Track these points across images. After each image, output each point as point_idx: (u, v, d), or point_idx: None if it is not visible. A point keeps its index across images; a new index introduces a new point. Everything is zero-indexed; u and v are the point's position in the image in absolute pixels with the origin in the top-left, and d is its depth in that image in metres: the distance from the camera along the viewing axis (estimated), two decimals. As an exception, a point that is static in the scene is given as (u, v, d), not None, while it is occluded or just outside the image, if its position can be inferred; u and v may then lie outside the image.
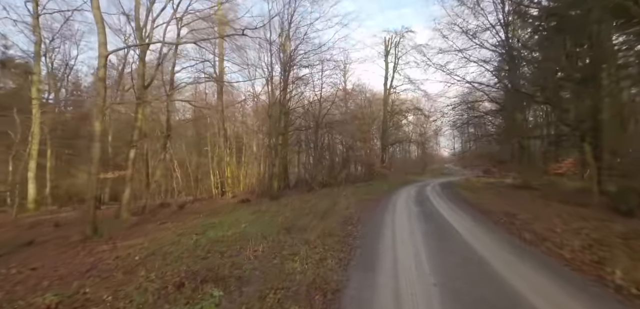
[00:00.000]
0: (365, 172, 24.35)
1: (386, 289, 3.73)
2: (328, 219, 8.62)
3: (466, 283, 3.77)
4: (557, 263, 4.49)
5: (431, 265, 4.47)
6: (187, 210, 13.08)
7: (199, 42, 14.36)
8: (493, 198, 12.24)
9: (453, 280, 3.89)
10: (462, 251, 5.10)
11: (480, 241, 5.72)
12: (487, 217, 8.23)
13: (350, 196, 14.84)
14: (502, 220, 7.65)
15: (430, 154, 51.20)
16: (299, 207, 11.25)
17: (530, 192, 15.14)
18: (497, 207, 9.73)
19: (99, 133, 7.42)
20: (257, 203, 13.97)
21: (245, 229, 7.36)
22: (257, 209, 11.08)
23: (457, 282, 3.82)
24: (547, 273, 4.07)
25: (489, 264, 4.46)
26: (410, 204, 10.80)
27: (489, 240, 5.78)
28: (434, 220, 7.52)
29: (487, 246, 5.36)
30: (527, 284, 3.68)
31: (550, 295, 3.43)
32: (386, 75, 33.31)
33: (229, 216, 9.82)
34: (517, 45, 16.33)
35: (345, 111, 24.43)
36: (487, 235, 6.20)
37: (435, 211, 8.82)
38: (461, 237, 6.00)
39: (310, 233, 6.81)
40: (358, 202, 12.18)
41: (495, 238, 5.94)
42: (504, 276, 3.99)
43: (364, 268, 4.56)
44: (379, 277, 4.14)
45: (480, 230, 6.60)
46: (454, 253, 5.02)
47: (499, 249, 5.20)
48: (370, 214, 9.28)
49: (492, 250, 5.12)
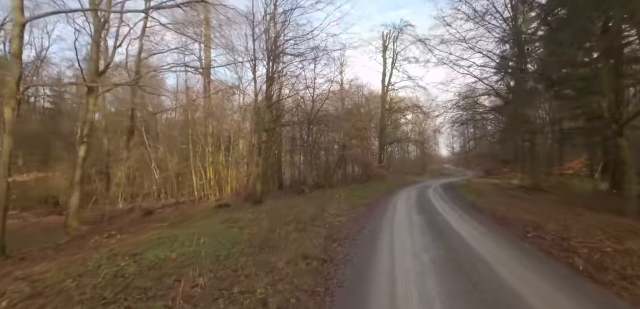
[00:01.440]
0: (361, 172, 22.67)
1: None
2: (310, 232, 6.95)
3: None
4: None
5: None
6: (154, 217, 11.37)
7: (176, 27, 12.65)
8: (505, 203, 10.63)
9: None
10: (494, 295, 3.41)
11: (514, 272, 4.06)
12: (508, 229, 6.58)
13: (343, 199, 13.18)
14: (528, 234, 6.01)
15: (429, 154, 49.69)
16: (281, 215, 9.56)
17: (543, 195, 13.58)
18: (514, 215, 8.13)
19: (11, 122, 5.71)
20: (237, 208, 12.28)
21: (199, 247, 5.66)
22: (230, 216, 9.37)
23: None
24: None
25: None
26: (411, 210, 9.14)
27: (527, 271, 4.10)
28: (444, 236, 5.85)
29: (530, 284, 3.67)
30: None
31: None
32: (384, 72, 31.69)
33: (193, 226, 8.12)
34: (527, 31, 14.76)
35: (341, 107, 22.75)
36: (520, 261, 4.53)
37: (443, 222, 7.17)
38: (486, 265, 4.32)
39: (281, 254, 5.14)
40: (351, 209, 10.52)
41: (533, 267, 4.27)
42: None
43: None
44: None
45: (508, 253, 4.94)
46: (485, 301, 3.29)
47: (550, 290, 3.49)
48: (363, 224, 7.61)
49: (544, 295, 3.39)
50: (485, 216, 8.14)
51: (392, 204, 10.97)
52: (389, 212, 9.20)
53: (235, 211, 11.43)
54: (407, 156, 46.57)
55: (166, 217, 11.15)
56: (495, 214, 8.52)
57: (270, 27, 13.05)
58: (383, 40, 32.38)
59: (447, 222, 7.01)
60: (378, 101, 32.81)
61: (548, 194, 13.78)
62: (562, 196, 12.94)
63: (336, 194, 15.17)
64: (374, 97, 34.56)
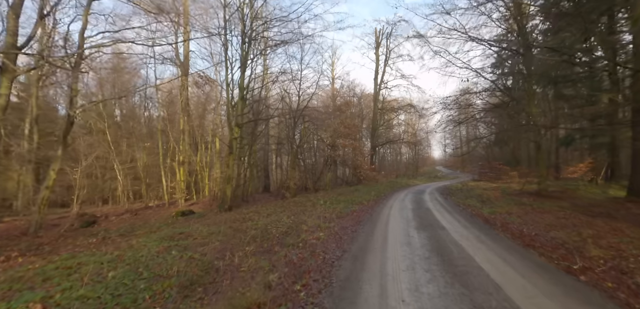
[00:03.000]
0: (351, 175, 20.91)
1: None
2: (274, 257, 5.13)
3: None
4: None
5: None
6: (94, 229, 9.29)
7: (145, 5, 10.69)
8: (517, 213, 9.00)
9: None
10: None
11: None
12: (542, 257, 4.85)
13: (328, 206, 11.39)
14: (574, 267, 4.31)
15: (421, 156, 48.44)
16: (247, 228, 7.70)
17: (553, 202, 12.04)
18: (536, 231, 6.52)
19: None
20: (202, 216, 10.34)
21: (97, 288, 3.76)
22: (181, 230, 7.44)
23: None
24: None
25: None
26: (408, 224, 7.38)
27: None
28: (460, 271, 4.04)
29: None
30: None
31: None
32: (376, 70, 30.17)
33: (127, 245, 6.18)
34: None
35: (332, 106, 20.97)
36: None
37: (452, 243, 5.40)
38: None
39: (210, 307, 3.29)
40: (335, 218, 8.73)
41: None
42: None
43: None
44: None
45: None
46: None
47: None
48: (347, 244, 5.80)
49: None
50: (501, 231, 6.44)
51: (384, 214, 9.20)
52: (380, 225, 7.42)
53: (196, 221, 9.48)
54: (400, 158, 45.18)
55: (110, 228, 9.15)
56: (510, 227, 6.86)
57: (244, 3, 11.13)
58: (376, 36, 30.91)
59: (457, 245, 5.26)
60: (370, 101, 31.26)
61: (558, 200, 12.27)
62: (575, 203, 11.45)
63: (321, 199, 13.37)
64: (365, 97, 33.03)
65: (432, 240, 5.55)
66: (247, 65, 11.52)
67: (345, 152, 20.62)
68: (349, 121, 18.02)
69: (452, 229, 6.43)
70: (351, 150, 19.92)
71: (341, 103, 19.96)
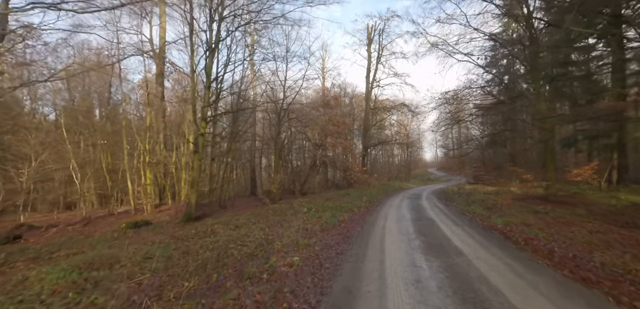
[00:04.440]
0: (341, 178, 19.24)
1: None
2: (219, 303, 3.41)
3: None
4: None
5: None
6: (8, 247, 7.32)
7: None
8: (537, 224, 7.51)
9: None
10: None
11: None
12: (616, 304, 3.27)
13: (312, 215, 9.70)
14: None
15: (413, 159, 47.27)
16: (201, 248, 5.94)
17: (568, 209, 10.64)
18: (572, 250, 5.04)
19: None
20: (155, 229, 8.48)
21: None
22: (109, 255, 5.61)
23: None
24: None
25: None
26: (410, 244, 5.74)
27: None
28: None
29: None
30: None
31: None
32: (368, 67, 28.75)
33: (13, 283, 4.34)
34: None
35: (320, 102, 19.28)
36: None
37: (482, 280, 3.75)
38: None
39: None
40: (319, 231, 7.05)
41: None
42: None
43: None
44: None
45: None
46: None
47: None
48: (324, 289, 4.09)
49: None
50: (534, 255, 4.87)
51: (378, 226, 7.56)
52: (374, 244, 5.76)
53: (144, 236, 7.63)
54: (392, 160, 43.90)
55: (34, 244, 7.22)
56: (538, 246, 5.33)
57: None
58: (368, 32, 29.53)
59: (490, 285, 3.57)
60: (362, 100, 29.80)
61: (570, 207, 10.90)
62: (591, 210, 10.09)
63: (306, 205, 11.67)
64: (357, 96, 31.61)
65: (450, 275, 3.89)
66: (216, 49, 9.71)
67: (335, 153, 18.99)
68: (338, 118, 16.36)
69: (472, 253, 4.81)
70: (341, 150, 18.30)
71: (330, 98, 18.28)
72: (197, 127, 9.27)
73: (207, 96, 9.53)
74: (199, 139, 9.26)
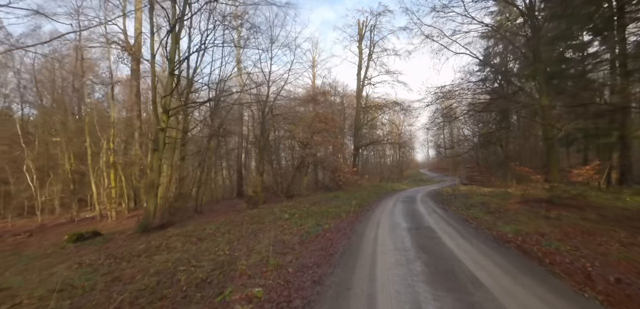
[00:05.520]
0: (330, 179, 17.98)
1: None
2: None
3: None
4: None
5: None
6: None
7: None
8: (553, 234, 6.45)
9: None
10: None
11: None
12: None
13: (293, 222, 8.43)
14: None
15: (405, 159, 46.39)
16: (140, 271, 4.60)
17: (578, 214, 9.65)
18: (615, 272, 3.93)
19: None
20: (103, 243, 7.06)
21: None
22: (6, 285, 4.22)
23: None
24: None
25: None
26: (410, 268, 4.47)
27: None
28: None
29: None
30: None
31: None
32: (360, 64, 27.68)
33: None
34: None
35: (307, 96, 18.00)
36: None
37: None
38: None
39: None
40: (295, 247, 5.78)
41: None
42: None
43: None
44: None
45: None
46: None
47: None
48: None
49: None
50: (569, 282, 3.72)
51: (369, 238, 6.34)
52: (363, 266, 4.53)
53: (86, 250, 6.21)
54: (384, 160, 42.94)
55: None
56: (567, 266, 4.21)
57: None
58: (359, 28, 28.46)
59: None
60: (353, 100, 28.69)
61: (579, 211, 9.91)
62: (602, 214, 9.12)
63: (288, 211, 10.38)
64: (348, 96, 30.51)
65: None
66: (181, 29, 8.31)
67: (326, 153, 17.67)
68: (326, 115, 15.10)
69: (492, 283, 3.60)
70: (330, 149, 17.04)
71: (317, 93, 16.99)
72: (158, 121, 7.84)
73: (170, 84, 8.12)
74: (158, 134, 7.82)
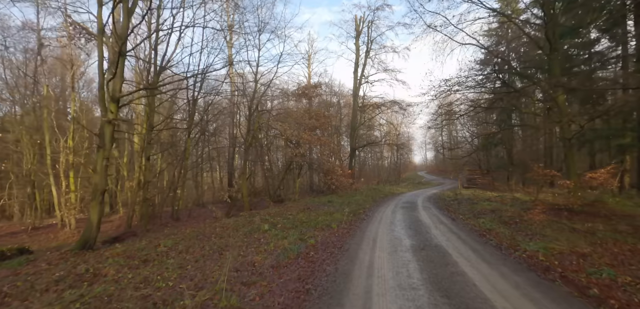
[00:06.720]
0: (323, 182, 16.50)
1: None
2: None
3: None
4: None
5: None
6: None
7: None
8: (595, 253, 5.10)
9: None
10: None
11: None
12: None
13: (273, 235, 6.97)
14: None
15: (403, 161, 45.08)
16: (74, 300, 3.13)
17: (608, 224, 8.30)
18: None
19: None
20: (21, 264, 5.56)
21: None
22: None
23: None
24: None
25: None
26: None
27: None
28: None
29: None
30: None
31: None
32: (356, 62, 26.36)
33: None
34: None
35: (297, 91, 16.57)
36: None
37: None
38: None
39: None
40: (264, 274, 4.33)
41: None
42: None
43: None
44: None
45: None
46: None
47: None
48: None
49: None
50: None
51: (363, 264, 4.90)
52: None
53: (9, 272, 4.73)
54: (381, 162, 41.59)
55: None
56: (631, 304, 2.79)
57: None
58: (356, 24, 27.13)
59: None
60: (350, 99, 27.33)
61: (606, 220, 8.56)
62: (636, 225, 7.78)
63: (270, 220, 8.90)
64: (344, 95, 29.17)
65: None
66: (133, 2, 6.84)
67: (321, 154, 16.17)
68: (317, 111, 13.65)
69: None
70: (324, 149, 15.57)
71: (307, 86, 15.51)
72: (104, 111, 6.31)
73: (121, 67, 6.62)
74: (105, 128, 6.28)
